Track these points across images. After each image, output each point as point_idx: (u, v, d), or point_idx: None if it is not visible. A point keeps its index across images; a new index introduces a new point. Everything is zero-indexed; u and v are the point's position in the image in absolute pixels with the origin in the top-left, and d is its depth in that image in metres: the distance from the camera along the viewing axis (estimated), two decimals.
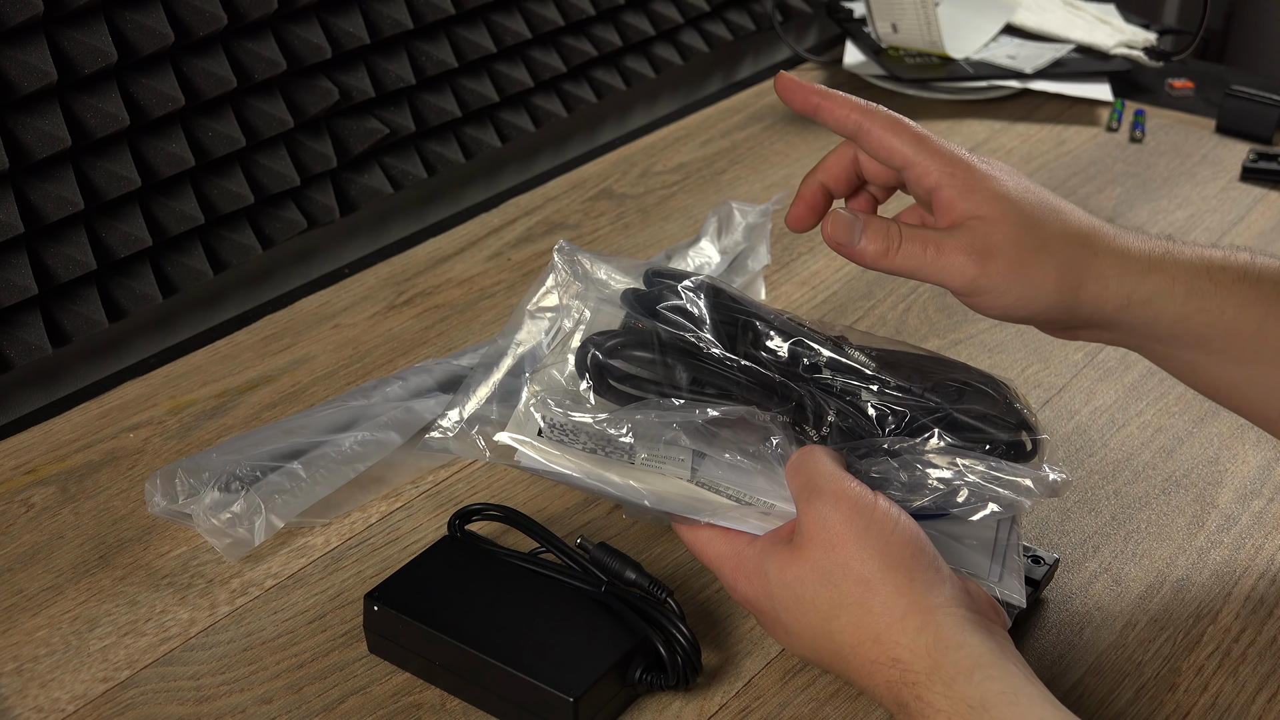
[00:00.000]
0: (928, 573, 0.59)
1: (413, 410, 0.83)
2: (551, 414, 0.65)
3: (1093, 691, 0.68)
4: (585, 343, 0.66)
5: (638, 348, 0.65)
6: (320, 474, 0.78)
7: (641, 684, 0.66)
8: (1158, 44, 1.38)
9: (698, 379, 0.65)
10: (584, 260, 0.72)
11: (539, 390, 0.67)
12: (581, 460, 0.64)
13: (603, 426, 0.64)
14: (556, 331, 0.70)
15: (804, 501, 0.61)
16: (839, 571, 0.59)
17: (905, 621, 0.58)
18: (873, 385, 0.67)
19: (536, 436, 0.65)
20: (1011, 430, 0.67)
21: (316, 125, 1.04)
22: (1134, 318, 0.66)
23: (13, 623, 0.72)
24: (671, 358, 0.65)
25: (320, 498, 0.78)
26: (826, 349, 0.68)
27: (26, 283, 0.86)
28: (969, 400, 0.67)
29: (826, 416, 0.66)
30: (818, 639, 0.61)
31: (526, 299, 0.72)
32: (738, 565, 0.63)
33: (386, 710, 0.67)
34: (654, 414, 0.64)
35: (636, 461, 0.64)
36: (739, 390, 0.65)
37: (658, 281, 0.70)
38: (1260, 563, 0.76)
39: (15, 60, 0.83)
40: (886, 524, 0.59)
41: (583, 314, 0.70)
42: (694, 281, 0.69)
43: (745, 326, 0.69)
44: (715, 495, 0.64)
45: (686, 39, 1.36)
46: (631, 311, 0.67)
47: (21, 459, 0.84)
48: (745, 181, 1.18)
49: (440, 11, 1.09)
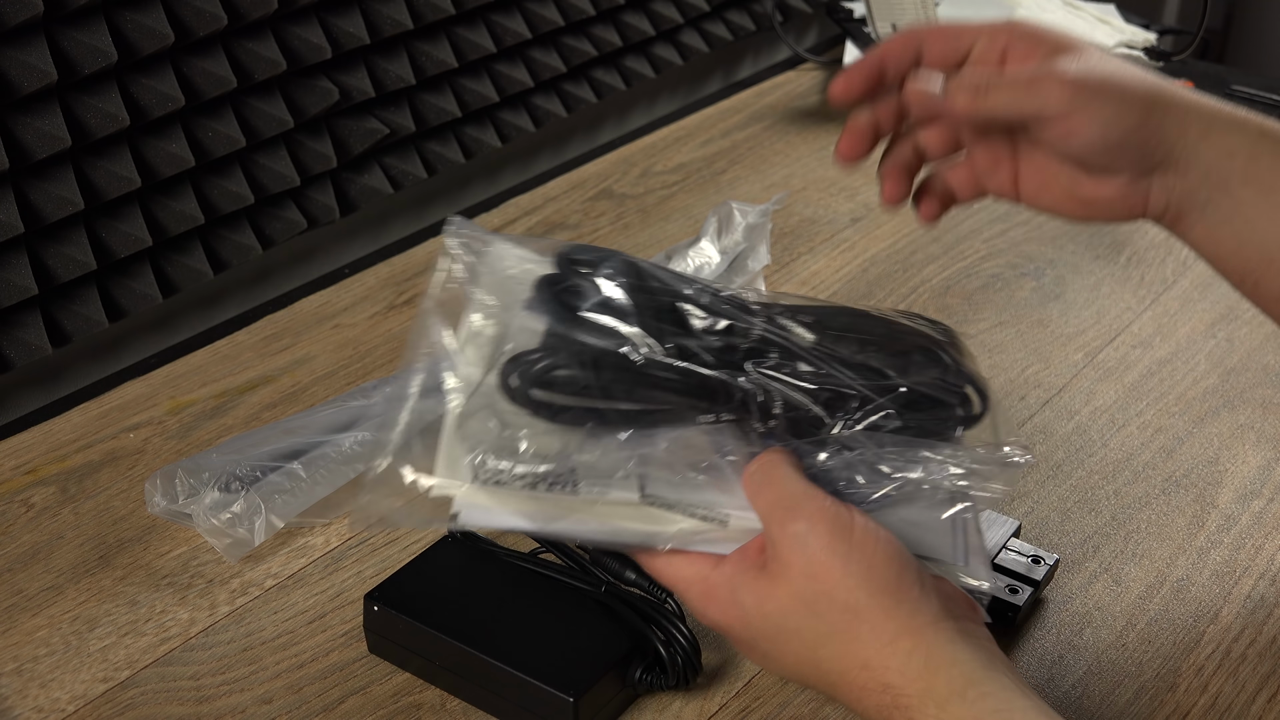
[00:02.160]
0: (913, 590, 0.57)
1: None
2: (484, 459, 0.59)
3: (1093, 691, 0.68)
4: (508, 367, 0.60)
5: (566, 366, 0.60)
6: (320, 474, 0.78)
7: (641, 684, 0.66)
8: (1158, 44, 1.38)
9: (633, 390, 0.60)
10: (482, 239, 0.64)
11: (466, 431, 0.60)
12: (525, 503, 0.59)
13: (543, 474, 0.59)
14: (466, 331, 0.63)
15: (776, 523, 0.58)
16: (823, 601, 0.57)
17: (895, 645, 0.56)
18: (815, 363, 0.63)
19: (471, 482, 0.59)
20: (961, 395, 0.64)
21: (316, 125, 1.04)
22: (1212, 149, 0.65)
23: (13, 623, 0.72)
24: (603, 373, 0.60)
25: (320, 498, 0.78)
26: (760, 326, 0.64)
27: (26, 283, 0.86)
28: (916, 368, 0.64)
29: (772, 408, 0.62)
30: (803, 666, 0.58)
31: (430, 294, 0.64)
32: (706, 591, 0.60)
33: (386, 710, 0.67)
34: (598, 454, 0.59)
35: (582, 488, 0.60)
36: (678, 396, 0.61)
37: (571, 267, 0.64)
38: (1260, 563, 0.76)
39: (15, 60, 0.83)
40: (868, 545, 0.57)
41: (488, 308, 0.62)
42: (612, 265, 0.63)
43: (673, 313, 0.63)
44: (669, 513, 0.60)
45: (686, 39, 1.36)
46: (553, 322, 0.62)
47: (21, 459, 0.84)
48: (745, 181, 1.18)
49: (440, 11, 1.09)
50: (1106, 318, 0.98)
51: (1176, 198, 0.67)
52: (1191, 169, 0.66)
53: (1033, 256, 1.05)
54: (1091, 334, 0.96)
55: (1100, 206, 0.68)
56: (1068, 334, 0.96)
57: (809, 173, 1.19)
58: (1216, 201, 0.66)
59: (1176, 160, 0.65)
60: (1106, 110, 0.64)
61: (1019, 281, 1.02)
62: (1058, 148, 0.65)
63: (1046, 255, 1.05)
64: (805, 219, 1.11)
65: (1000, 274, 1.03)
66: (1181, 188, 0.66)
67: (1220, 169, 0.65)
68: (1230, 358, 0.93)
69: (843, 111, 0.67)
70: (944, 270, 1.04)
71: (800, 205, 1.13)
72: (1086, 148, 0.65)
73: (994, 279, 1.03)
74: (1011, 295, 1.01)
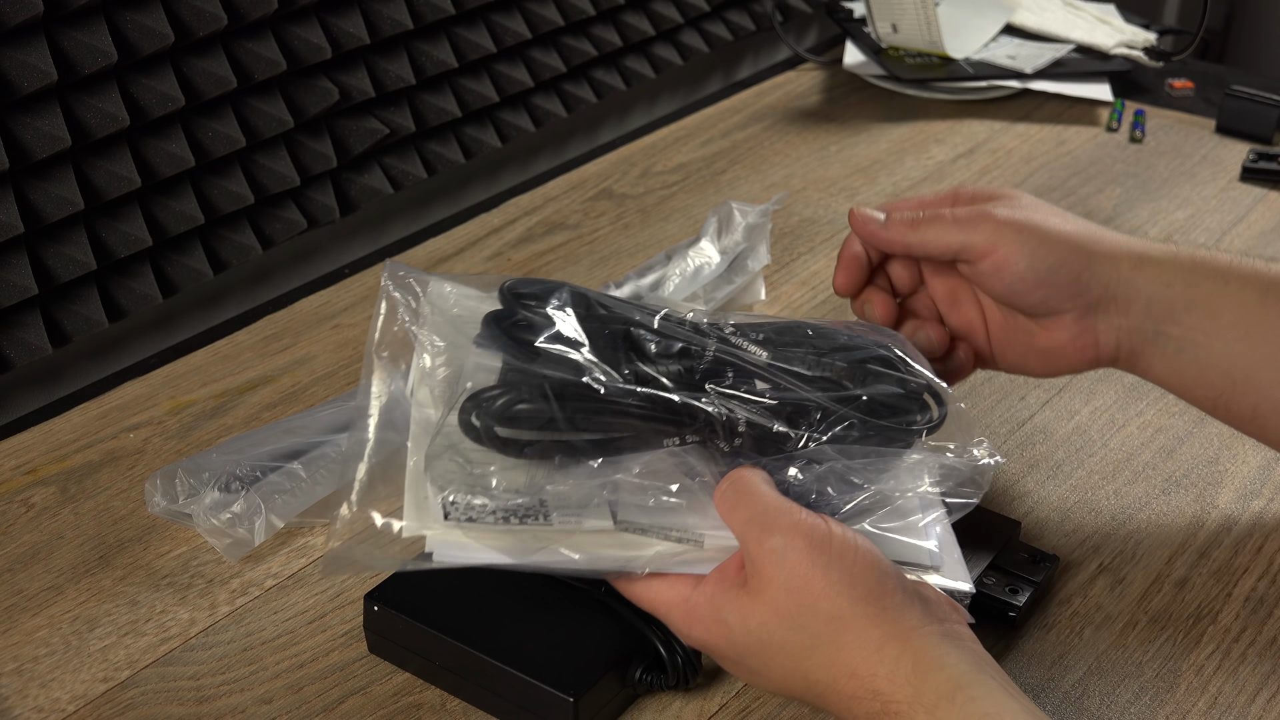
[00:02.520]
0: (895, 596, 0.57)
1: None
2: (453, 497, 0.59)
3: (1093, 691, 0.68)
4: (467, 405, 0.59)
5: (526, 401, 0.59)
6: (320, 474, 0.78)
7: (641, 684, 0.66)
8: (1158, 44, 1.38)
9: (597, 419, 0.60)
10: (420, 280, 0.64)
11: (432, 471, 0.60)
12: (500, 537, 0.59)
13: (514, 507, 0.59)
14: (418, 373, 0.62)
15: (753, 540, 0.58)
16: (806, 613, 0.57)
17: (882, 652, 0.56)
18: (773, 380, 0.63)
19: (443, 521, 0.59)
20: (920, 401, 0.65)
21: (316, 125, 1.04)
22: (1147, 280, 0.69)
23: (13, 623, 0.72)
24: (566, 404, 0.60)
25: (320, 498, 0.78)
26: (713, 346, 0.64)
27: (26, 283, 0.86)
28: (871, 377, 0.65)
29: (737, 428, 0.62)
30: (790, 679, 0.59)
31: (369, 342, 0.64)
32: (688, 612, 0.60)
33: (386, 710, 0.67)
34: (569, 484, 0.60)
35: (555, 518, 0.60)
36: (642, 421, 0.61)
37: (515, 301, 0.64)
38: (1260, 563, 0.76)
39: (15, 60, 0.83)
40: (848, 554, 0.57)
41: (436, 345, 0.62)
42: (559, 297, 0.64)
43: (626, 338, 0.64)
44: (644, 537, 0.60)
45: (686, 39, 1.36)
46: (508, 357, 0.62)
47: (21, 459, 0.84)
48: (745, 181, 1.18)
49: (440, 11, 1.09)
50: None
51: (1126, 335, 0.70)
52: (1132, 304, 0.69)
53: None
54: None
55: (1058, 356, 0.72)
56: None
57: (809, 173, 1.19)
58: (1166, 332, 0.70)
59: (1115, 297, 0.69)
60: (1030, 244, 0.69)
61: None
62: (993, 283, 0.70)
63: None
64: (805, 219, 1.11)
65: None
66: (1127, 325, 0.70)
67: (1161, 299, 0.69)
68: None
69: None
70: None
71: (800, 205, 1.13)
72: (1017, 280, 0.69)
73: None
74: None
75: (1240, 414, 0.70)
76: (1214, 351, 0.69)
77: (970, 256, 0.70)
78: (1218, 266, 0.69)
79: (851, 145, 1.24)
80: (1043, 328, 0.72)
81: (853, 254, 0.74)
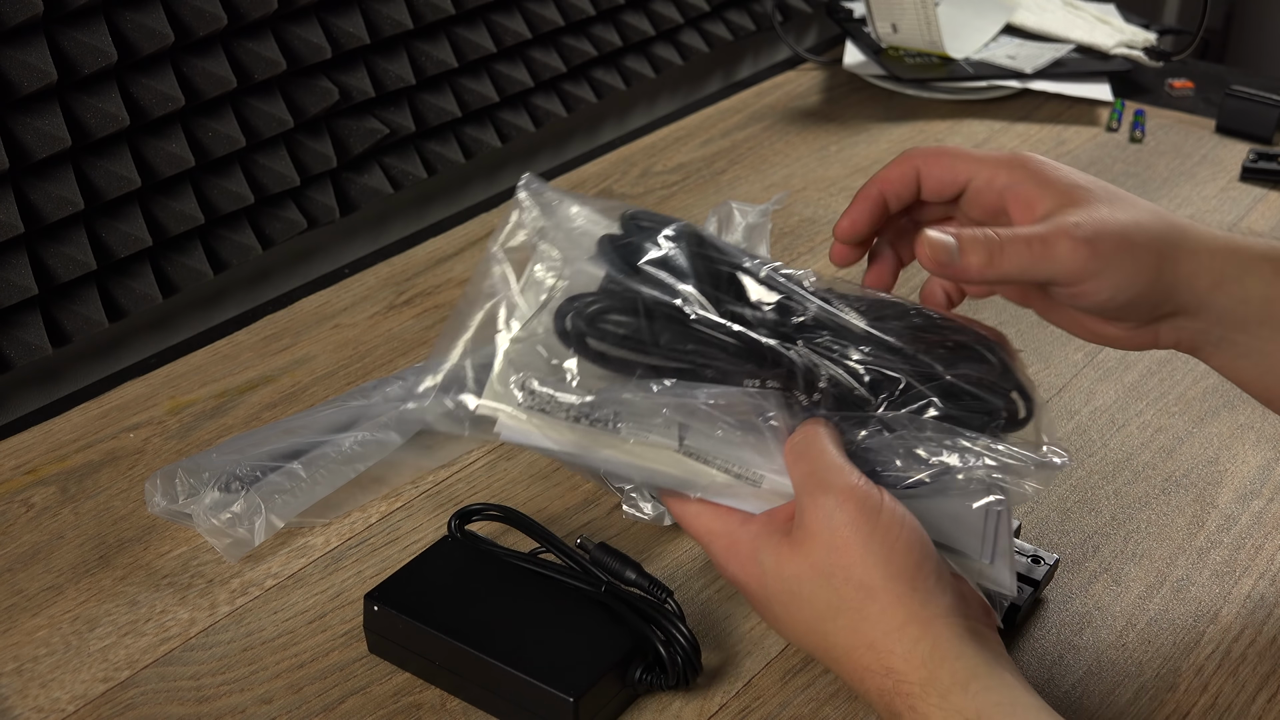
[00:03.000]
0: (929, 581, 0.58)
1: (413, 410, 0.82)
2: (530, 385, 0.62)
3: (1093, 691, 0.68)
4: (563, 306, 0.62)
5: (619, 312, 0.62)
6: (320, 474, 0.78)
7: (641, 684, 0.66)
8: (1158, 44, 1.38)
9: (683, 345, 0.62)
10: (553, 197, 0.67)
11: (516, 357, 0.63)
12: (565, 432, 0.61)
13: (585, 408, 0.61)
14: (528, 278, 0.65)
15: (808, 494, 0.59)
16: (840, 575, 0.58)
17: (903, 631, 0.57)
18: (865, 346, 0.64)
19: (516, 405, 0.62)
20: (1006, 397, 0.64)
21: (316, 125, 1.04)
22: (1226, 297, 0.65)
23: (13, 623, 0.72)
24: (655, 324, 0.62)
25: (320, 498, 0.78)
26: (814, 305, 0.65)
27: (26, 283, 0.86)
28: (964, 364, 0.65)
29: (818, 383, 0.63)
30: (811, 635, 0.60)
31: (493, 240, 0.66)
32: (729, 545, 0.61)
33: (386, 710, 0.67)
34: (641, 395, 0.61)
35: (623, 429, 0.61)
36: (727, 357, 0.62)
37: (635, 227, 0.66)
38: (1260, 563, 0.76)
39: (15, 60, 0.83)
40: (892, 529, 0.58)
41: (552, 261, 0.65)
42: (675, 229, 0.65)
43: (730, 281, 0.65)
44: (705, 467, 0.62)
45: (686, 39, 1.36)
46: (612, 270, 0.63)
47: (21, 459, 0.84)
48: (745, 181, 1.18)
49: (440, 11, 1.09)
50: None
51: (1189, 335, 0.67)
52: (1203, 314, 0.66)
53: None
54: None
55: (1108, 339, 0.68)
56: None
57: (809, 173, 1.19)
58: (1232, 339, 0.66)
59: (1187, 307, 0.65)
60: (1120, 275, 0.63)
61: None
62: (1068, 304, 0.66)
63: None
64: (805, 219, 1.11)
65: None
66: (1193, 328, 0.67)
67: (1235, 313, 0.66)
68: None
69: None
70: None
71: (800, 205, 1.13)
72: (1098, 309, 0.65)
73: None
74: None
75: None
76: (1277, 361, 0.66)
77: (1056, 290, 0.65)
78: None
79: (851, 145, 1.24)
80: (1101, 322, 0.68)
81: (869, 198, 0.68)
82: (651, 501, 0.77)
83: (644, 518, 0.77)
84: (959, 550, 0.62)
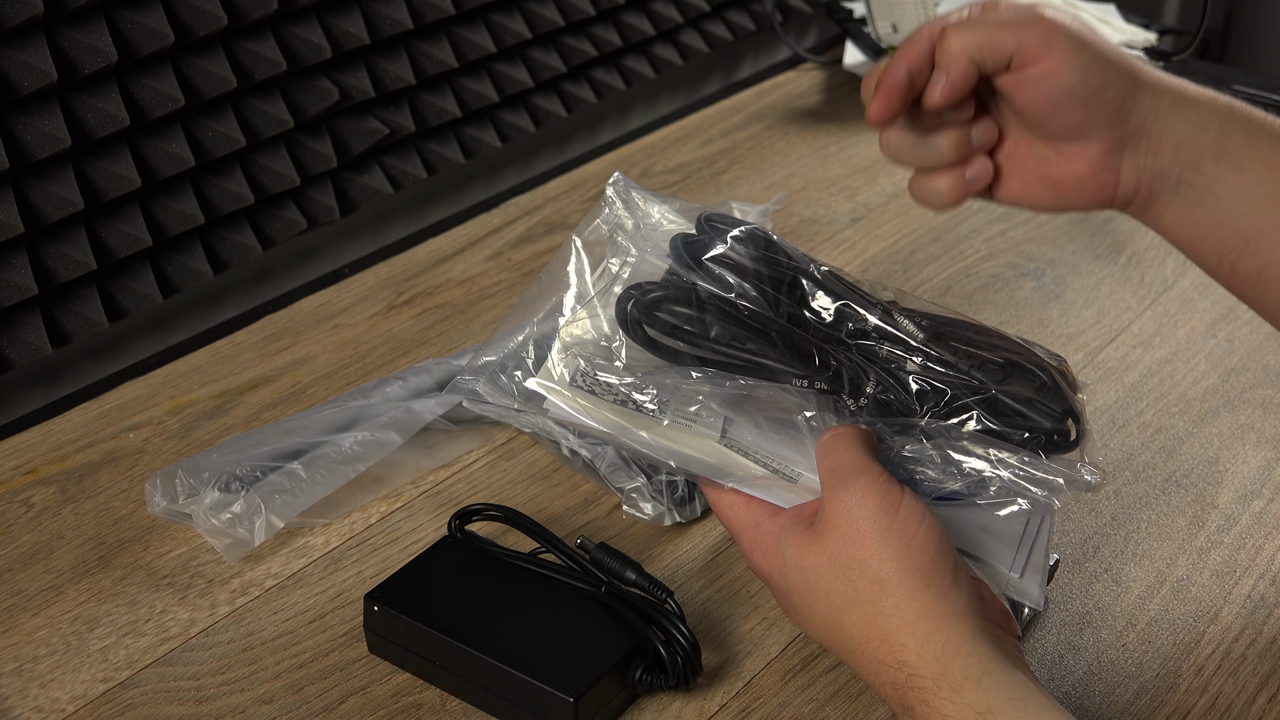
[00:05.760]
0: (944, 579, 0.58)
1: (413, 410, 0.83)
2: (582, 367, 0.64)
3: (1093, 692, 0.68)
4: (625, 293, 0.64)
5: (677, 303, 0.64)
6: (320, 474, 0.78)
7: (641, 684, 0.66)
8: (1158, 44, 1.38)
9: (735, 340, 0.64)
10: (638, 197, 0.70)
11: (572, 340, 0.65)
12: (610, 414, 0.64)
13: (629, 390, 0.64)
14: (603, 271, 0.68)
15: (830, 488, 0.60)
16: (856, 567, 0.59)
17: (916, 626, 0.57)
18: (916, 357, 0.66)
19: (567, 386, 0.64)
20: (1055, 418, 0.65)
21: (316, 125, 1.04)
22: (1184, 122, 0.65)
23: (13, 623, 0.72)
24: (710, 316, 0.64)
25: (320, 498, 0.78)
26: (873, 314, 0.67)
27: (26, 283, 0.86)
28: (1014, 381, 0.66)
29: (865, 387, 0.65)
30: (827, 627, 0.61)
31: (579, 229, 0.70)
32: (756, 536, 0.63)
33: (386, 710, 0.67)
34: (687, 385, 0.63)
35: (667, 416, 0.64)
36: (776, 354, 0.64)
37: (709, 228, 0.68)
38: (1260, 563, 0.76)
39: (15, 60, 0.83)
40: (910, 525, 0.59)
41: (627, 256, 0.68)
42: (744, 231, 0.68)
43: (792, 284, 0.67)
44: (743, 459, 0.64)
45: (686, 39, 1.36)
46: (676, 263, 0.66)
47: (21, 459, 0.84)
48: (745, 181, 1.18)
49: (440, 11, 1.09)
50: (1106, 318, 0.98)
51: (1148, 177, 0.66)
52: (1163, 144, 0.66)
53: (1033, 256, 1.05)
54: (1091, 334, 0.96)
55: (1071, 188, 0.67)
56: (1068, 334, 0.96)
57: (809, 173, 1.19)
58: (1189, 180, 0.66)
59: (1149, 132, 0.65)
60: (1084, 58, 0.64)
61: (1019, 281, 1.02)
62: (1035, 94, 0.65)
63: (1046, 255, 1.05)
64: (805, 219, 1.11)
65: (1000, 274, 1.03)
66: (1153, 166, 0.66)
67: (1192, 143, 0.66)
68: (1230, 358, 0.93)
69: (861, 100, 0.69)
70: (944, 270, 1.04)
71: (800, 205, 1.13)
72: (1064, 93, 0.64)
73: (994, 279, 1.03)
74: (1011, 295, 1.01)
75: (1245, 275, 0.67)
76: (1231, 207, 0.66)
77: (1022, 61, 0.64)
78: (1254, 120, 0.66)
79: (851, 145, 1.24)
80: (1063, 156, 0.67)
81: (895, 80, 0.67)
82: (652, 502, 0.77)
83: (644, 518, 0.77)
84: (989, 560, 0.63)
